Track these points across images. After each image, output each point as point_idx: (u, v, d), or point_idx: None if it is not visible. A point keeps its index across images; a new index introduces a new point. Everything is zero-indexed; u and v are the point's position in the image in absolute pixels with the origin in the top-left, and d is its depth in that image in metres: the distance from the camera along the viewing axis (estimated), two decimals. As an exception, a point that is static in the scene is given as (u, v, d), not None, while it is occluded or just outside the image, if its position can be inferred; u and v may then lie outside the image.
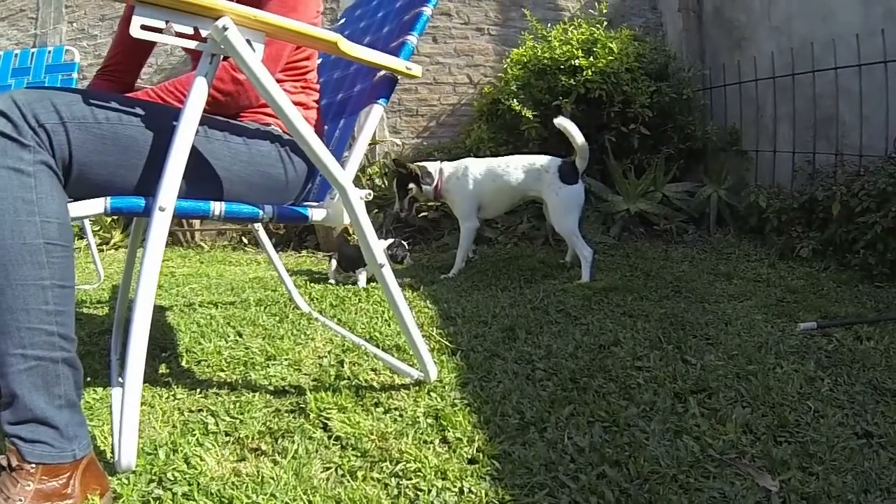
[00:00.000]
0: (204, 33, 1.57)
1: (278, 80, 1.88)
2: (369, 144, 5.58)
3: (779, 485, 1.62)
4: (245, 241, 5.48)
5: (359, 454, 1.72)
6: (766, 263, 4.01)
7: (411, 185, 4.03)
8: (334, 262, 4.01)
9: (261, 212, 1.86)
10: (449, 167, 4.07)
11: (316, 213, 2.00)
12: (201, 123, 1.67)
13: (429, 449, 1.76)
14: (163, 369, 2.33)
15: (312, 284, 3.90)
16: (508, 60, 5.46)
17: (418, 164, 4.10)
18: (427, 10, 2.25)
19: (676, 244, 4.76)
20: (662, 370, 2.32)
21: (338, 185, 1.86)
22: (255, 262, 4.86)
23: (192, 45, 1.58)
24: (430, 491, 1.55)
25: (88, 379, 2.16)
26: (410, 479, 1.61)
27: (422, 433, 1.85)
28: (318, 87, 2.30)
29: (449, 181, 4.03)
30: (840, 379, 2.24)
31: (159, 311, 3.14)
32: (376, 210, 5.09)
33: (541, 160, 3.92)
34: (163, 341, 2.65)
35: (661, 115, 5.20)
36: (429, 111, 6.03)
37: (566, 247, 4.08)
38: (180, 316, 3.07)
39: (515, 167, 3.95)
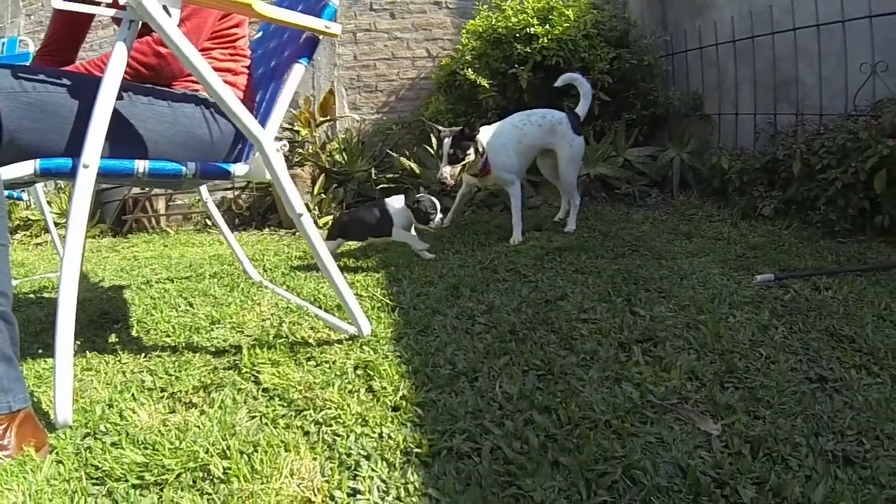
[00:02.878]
0: (122, 1, 1.65)
1: (207, 49, 2.14)
2: (329, 122, 5.50)
3: (721, 428, 1.55)
4: (209, 223, 5.38)
5: (285, 404, 1.75)
6: (729, 223, 3.93)
7: (470, 151, 3.61)
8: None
9: (184, 168, 1.92)
10: (482, 138, 3.74)
11: (238, 168, 2.03)
12: (126, 90, 1.86)
13: (353, 398, 1.76)
14: (113, 338, 2.37)
15: (268, 257, 3.83)
16: (465, 32, 5.36)
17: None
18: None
19: (639, 207, 4.67)
20: (608, 322, 2.24)
21: (253, 138, 1.92)
22: (219, 241, 4.80)
23: (112, 12, 1.68)
24: (348, 436, 1.55)
25: (40, 351, 2.24)
26: (331, 425, 1.61)
27: (348, 383, 1.85)
28: (248, 53, 2.35)
29: (489, 152, 3.73)
30: (795, 327, 2.18)
31: (117, 290, 3.16)
32: (336, 185, 5.00)
33: (552, 114, 3.90)
34: (116, 314, 2.68)
35: (622, 81, 5.10)
36: (388, 86, 5.94)
37: (526, 212, 3.96)
38: (136, 292, 3.08)
39: (533, 124, 3.86)
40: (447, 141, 3.56)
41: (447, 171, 3.56)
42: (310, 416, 1.66)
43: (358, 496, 1.33)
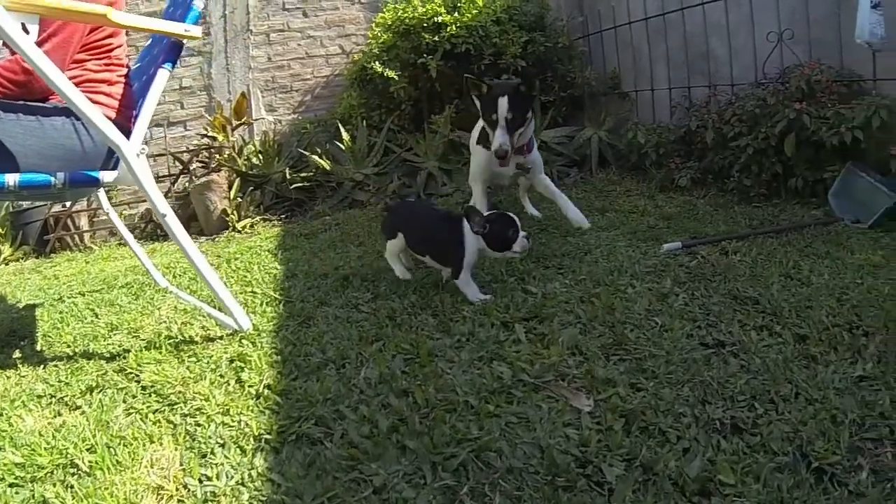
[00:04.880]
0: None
1: (82, 60, 2.24)
2: (246, 125, 5.46)
3: (593, 404, 1.55)
4: (132, 235, 5.28)
5: (160, 399, 1.82)
6: (646, 196, 3.96)
7: (530, 115, 3.01)
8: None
9: (53, 179, 1.98)
10: None
11: (107, 176, 2.10)
12: (-5, 108, 1.99)
13: (221, 389, 1.82)
14: (17, 354, 2.43)
15: (182, 263, 3.76)
16: (374, 25, 5.35)
17: None
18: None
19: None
20: (496, 301, 2.25)
21: (114, 145, 1.98)
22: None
23: None
24: (209, 426, 1.62)
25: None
26: (195, 416, 1.68)
27: (220, 376, 1.91)
28: (124, 62, 2.42)
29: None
30: (697, 293, 2.19)
31: (30, 309, 3.17)
32: (253, 188, 4.97)
33: None
34: (24, 332, 2.73)
35: (537, 64, 5.11)
36: (303, 86, 5.90)
37: (438, 201, 3.93)
38: (47, 309, 3.09)
39: None
40: (503, 101, 2.82)
41: (505, 141, 2.85)
42: (180, 409, 1.74)
43: (206, 482, 1.38)
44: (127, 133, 2.05)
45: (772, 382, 1.57)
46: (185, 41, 2.26)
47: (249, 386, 1.80)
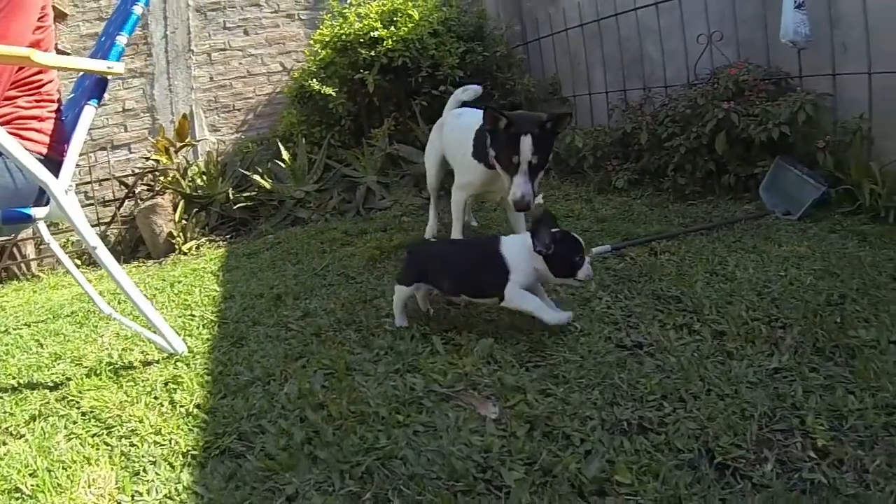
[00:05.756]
0: None
1: (12, 97, 2.25)
2: (190, 146, 5.51)
3: (499, 411, 1.67)
4: (79, 262, 5.29)
5: (99, 423, 1.93)
6: (583, 199, 4.10)
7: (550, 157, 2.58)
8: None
9: None
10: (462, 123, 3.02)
11: (38, 212, 2.19)
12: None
13: (154, 411, 1.94)
14: None
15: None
16: (312, 42, 5.46)
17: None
18: (137, 10, 2.40)
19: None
20: (417, 314, 2.37)
21: (42, 183, 2.05)
22: (88, 281, 4.72)
23: None
24: (142, 446, 1.75)
25: None
26: (130, 438, 1.80)
27: (154, 398, 2.03)
28: (55, 97, 2.44)
29: None
30: (621, 295, 2.31)
31: None
32: (198, 210, 5.03)
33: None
34: None
35: (477, 73, 5.23)
36: (245, 105, 5.98)
37: (377, 214, 4.05)
38: None
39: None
40: (527, 142, 2.40)
41: (528, 191, 2.45)
42: (116, 432, 1.85)
43: (137, 498, 1.51)
44: (60, 166, 2.15)
45: (683, 381, 1.66)
46: (108, 77, 2.35)
47: (181, 406, 1.92)
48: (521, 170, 2.41)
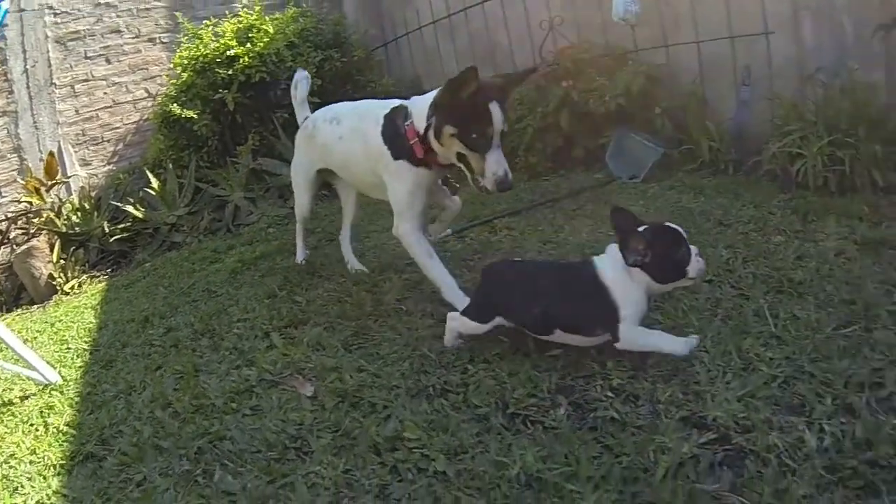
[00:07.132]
0: None
1: None
2: (61, 183, 5.53)
3: (314, 390, 2.00)
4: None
5: None
6: (434, 186, 4.34)
7: None
8: None
9: None
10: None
11: None
12: None
13: (31, 435, 2.22)
14: None
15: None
16: (173, 65, 5.61)
17: None
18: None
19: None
20: (263, 315, 2.68)
21: None
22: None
23: None
24: (20, 466, 2.03)
25: None
26: (9, 462, 2.08)
27: (31, 425, 2.31)
28: None
29: None
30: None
31: None
32: (76, 247, 5.09)
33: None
34: None
35: (336, 80, 5.55)
36: (114, 135, 6.01)
37: (245, 230, 4.47)
38: None
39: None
40: (496, 108, 2.19)
41: (506, 166, 2.23)
42: None
43: None
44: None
45: (491, 343, 1.93)
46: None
47: (54, 427, 2.21)
48: (495, 143, 2.18)
